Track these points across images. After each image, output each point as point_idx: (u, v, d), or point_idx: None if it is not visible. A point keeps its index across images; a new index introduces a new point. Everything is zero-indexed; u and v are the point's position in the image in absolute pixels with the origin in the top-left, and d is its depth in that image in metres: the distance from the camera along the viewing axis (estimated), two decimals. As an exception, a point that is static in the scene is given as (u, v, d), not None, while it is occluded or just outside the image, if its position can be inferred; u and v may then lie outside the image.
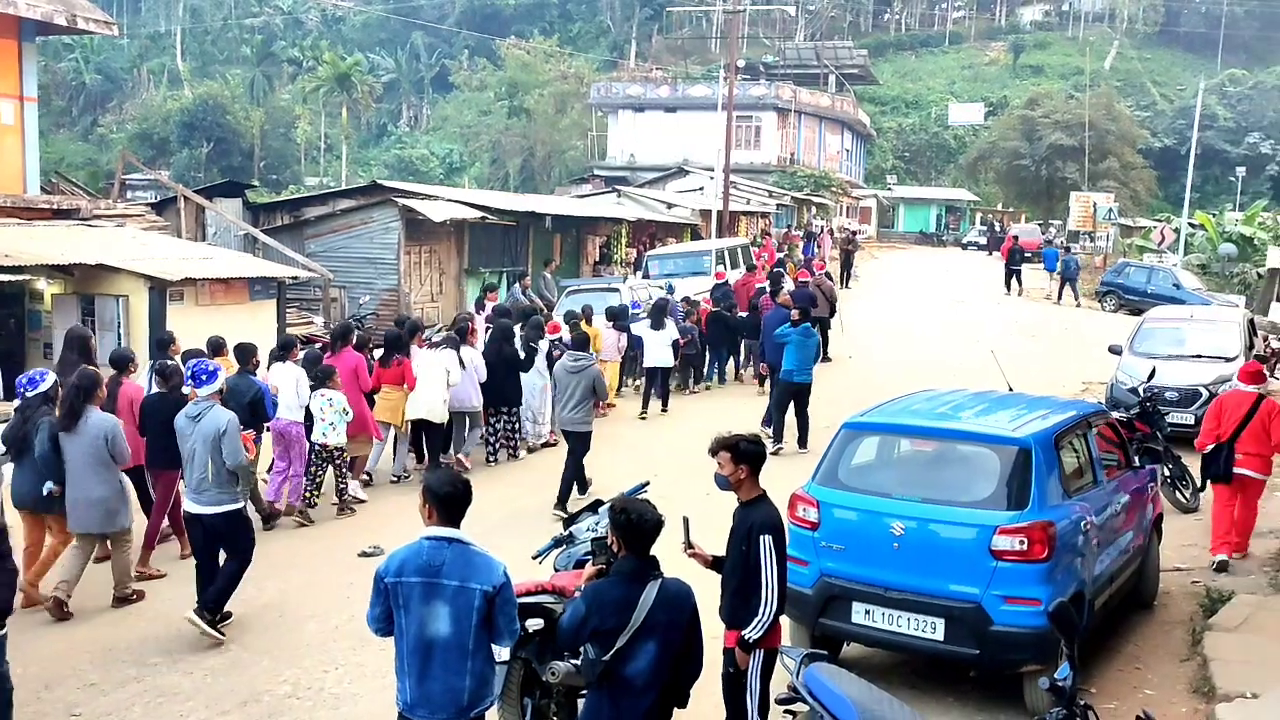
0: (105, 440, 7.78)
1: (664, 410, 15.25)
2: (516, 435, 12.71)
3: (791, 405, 12.86)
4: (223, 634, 7.44)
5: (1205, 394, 13.03)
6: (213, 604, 7.46)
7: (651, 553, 4.54)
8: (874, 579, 6.38)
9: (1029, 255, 34.54)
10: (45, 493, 7.81)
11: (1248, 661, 6.72)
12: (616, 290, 18.37)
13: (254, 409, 9.52)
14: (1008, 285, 31.73)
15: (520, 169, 65.61)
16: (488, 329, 13.25)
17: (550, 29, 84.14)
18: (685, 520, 5.24)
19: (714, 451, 5.28)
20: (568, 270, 25.84)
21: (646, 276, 23.08)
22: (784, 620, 6.52)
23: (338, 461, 10.47)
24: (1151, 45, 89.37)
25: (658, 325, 15.27)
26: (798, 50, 65.81)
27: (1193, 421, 12.87)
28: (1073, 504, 6.56)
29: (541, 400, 13.25)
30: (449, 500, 4.38)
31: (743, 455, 5.20)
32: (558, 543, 6.56)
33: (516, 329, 13.07)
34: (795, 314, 13.14)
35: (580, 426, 10.90)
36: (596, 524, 6.64)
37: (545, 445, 13.31)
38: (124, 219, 18.20)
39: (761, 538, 5.07)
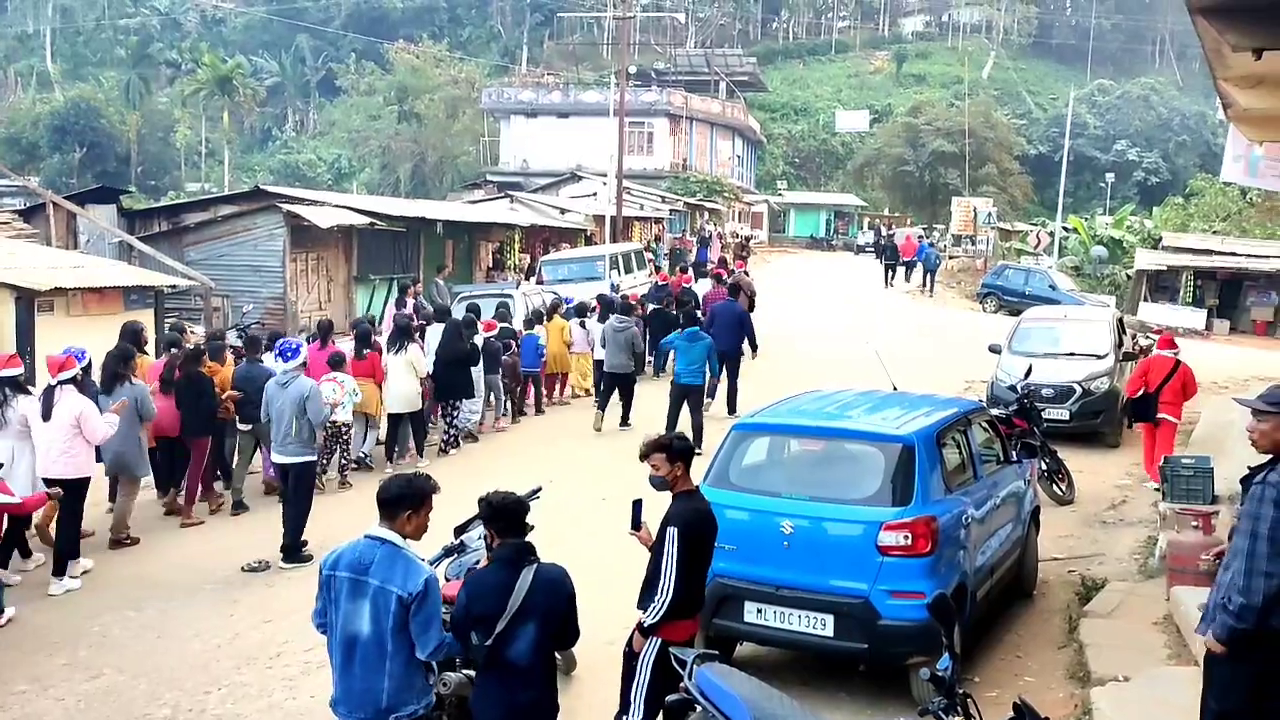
0: (135, 402, 9.32)
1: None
2: (455, 427, 13.39)
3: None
4: (311, 555, 8.97)
5: (1079, 390, 13.58)
6: (292, 544, 9.17)
7: (528, 539, 4.65)
8: (765, 578, 6.46)
9: (910, 260, 36.74)
10: None
11: (1120, 646, 7.00)
12: (510, 296, 18.24)
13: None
14: (886, 281, 35.13)
15: (411, 174, 64.60)
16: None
17: (440, 33, 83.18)
18: (637, 502, 5.46)
19: (644, 456, 5.43)
20: (461, 276, 25.56)
21: (540, 282, 22.99)
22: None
23: (344, 437, 11.73)
24: (1026, 56, 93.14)
25: (606, 319, 15.67)
26: (689, 57, 66.47)
27: (1068, 417, 13.44)
28: (954, 499, 6.75)
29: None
30: (384, 502, 4.50)
31: (676, 454, 5.38)
32: (448, 551, 6.46)
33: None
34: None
35: (624, 369, 13.92)
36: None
37: (468, 436, 13.80)
38: (-12, 226, 17.33)
39: (668, 530, 5.24)
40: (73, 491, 8.53)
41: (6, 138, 66.51)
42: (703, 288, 20.00)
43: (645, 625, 5.26)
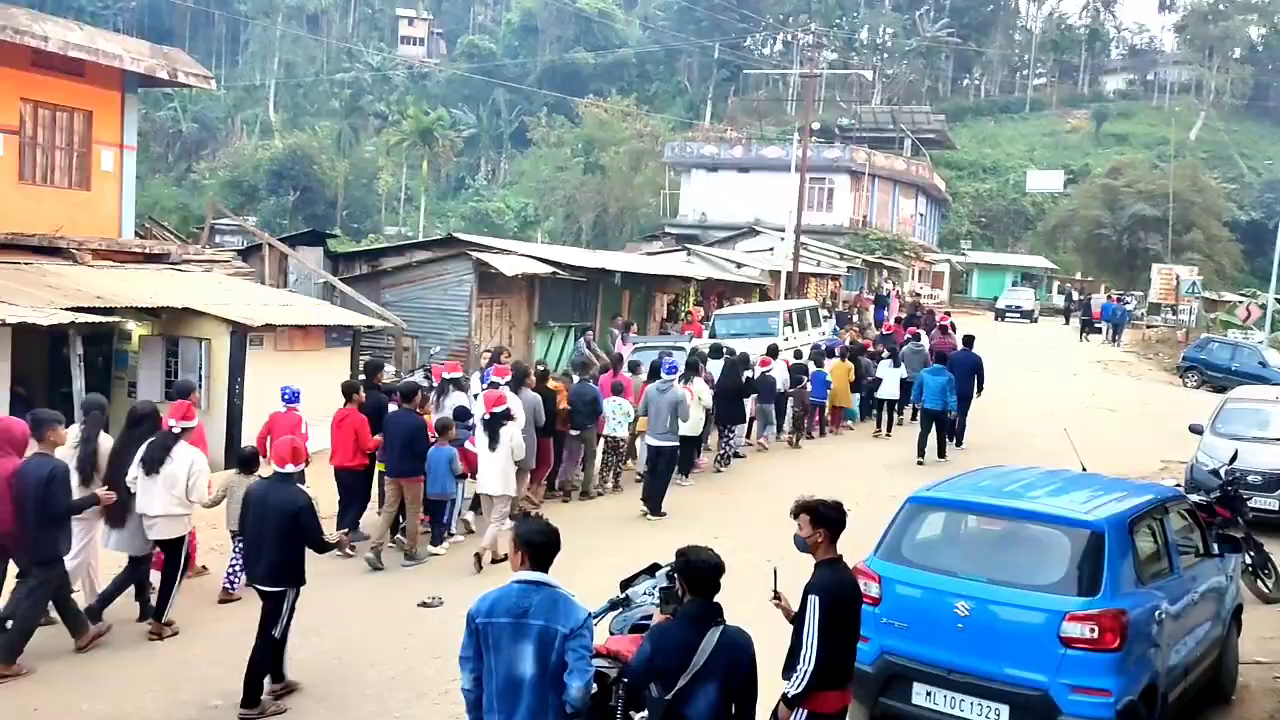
0: (532, 409, 11.77)
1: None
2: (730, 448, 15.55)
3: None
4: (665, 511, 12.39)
5: (1291, 479, 12.55)
6: (657, 505, 12.44)
7: (715, 600, 4.68)
8: (937, 659, 6.23)
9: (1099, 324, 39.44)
10: None
11: (1333, 767, 6.40)
12: (683, 348, 18.41)
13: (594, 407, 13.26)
14: (1082, 336, 38.86)
15: (593, 224, 66.36)
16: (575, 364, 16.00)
17: (628, 88, 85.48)
18: (775, 571, 5.37)
19: (795, 514, 5.38)
20: (635, 326, 25.91)
21: (713, 336, 23.09)
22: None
23: (622, 450, 13.81)
24: (1239, 117, 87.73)
25: (897, 364, 18.92)
26: (874, 114, 65.91)
27: (1277, 507, 12.43)
28: (1147, 592, 6.35)
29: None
30: (540, 548, 4.62)
31: (820, 519, 5.28)
32: (614, 605, 6.50)
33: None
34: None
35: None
36: (654, 587, 6.58)
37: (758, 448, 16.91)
38: (211, 264, 18.78)
39: (809, 598, 5.13)
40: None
41: (230, 180, 72.24)
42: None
43: (790, 696, 5.13)
